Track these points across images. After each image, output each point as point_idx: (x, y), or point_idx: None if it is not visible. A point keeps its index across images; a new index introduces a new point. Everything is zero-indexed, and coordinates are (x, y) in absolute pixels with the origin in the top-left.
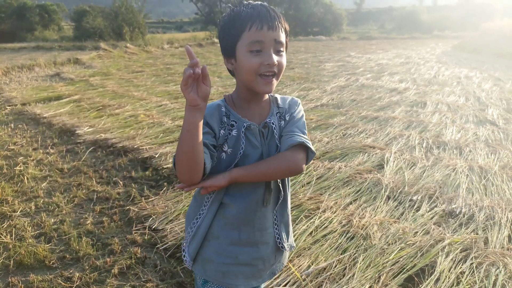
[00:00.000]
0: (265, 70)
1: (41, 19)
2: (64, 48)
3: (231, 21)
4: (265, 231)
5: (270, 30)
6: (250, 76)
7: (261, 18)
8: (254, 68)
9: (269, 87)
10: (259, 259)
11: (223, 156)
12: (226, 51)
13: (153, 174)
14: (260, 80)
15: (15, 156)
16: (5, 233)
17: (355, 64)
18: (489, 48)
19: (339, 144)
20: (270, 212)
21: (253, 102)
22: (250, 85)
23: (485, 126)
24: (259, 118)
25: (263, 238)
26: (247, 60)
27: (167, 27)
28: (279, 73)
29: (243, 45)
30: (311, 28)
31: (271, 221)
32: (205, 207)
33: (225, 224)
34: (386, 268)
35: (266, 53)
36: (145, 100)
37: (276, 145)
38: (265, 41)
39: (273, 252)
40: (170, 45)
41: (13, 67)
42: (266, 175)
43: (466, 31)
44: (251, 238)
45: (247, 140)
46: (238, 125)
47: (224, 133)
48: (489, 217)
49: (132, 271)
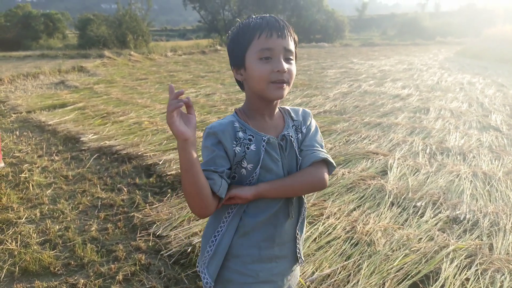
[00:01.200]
0: (276, 78)
1: (46, 27)
2: (68, 56)
3: (240, 32)
4: (284, 246)
5: (280, 38)
6: (261, 84)
7: (270, 26)
8: (264, 75)
9: (281, 92)
10: (278, 275)
11: (243, 172)
12: (235, 62)
13: (157, 181)
14: (272, 86)
15: (20, 163)
16: (10, 240)
17: (357, 71)
18: (491, 53)
19: (342, 150)
20: (291, 226)
21: (266, 114)
22: (261, 93)
23: (489, 132)
24: (275, 131)
25: (282, 252)
26: (257, 67)
27: (171, 35)
28: (289, 80)
29: (252, 53)
30: (314, 35)
31: (292, 235)
32: (223, 224)
33: (245, 241)
34: (390, 275)
35: (276, 60)
36: (149, 107)
37: (296, 157)
38: (274, 49)
39: (290, 266)
40: (174, 52)
41: (18, 75)
42: (292, 191)
43: (468, 37)
44: (270, 253)
45: (267, 154)
46: (257, 139)
47: (241, 149)
48: (493, 223)
49: (136, 277)
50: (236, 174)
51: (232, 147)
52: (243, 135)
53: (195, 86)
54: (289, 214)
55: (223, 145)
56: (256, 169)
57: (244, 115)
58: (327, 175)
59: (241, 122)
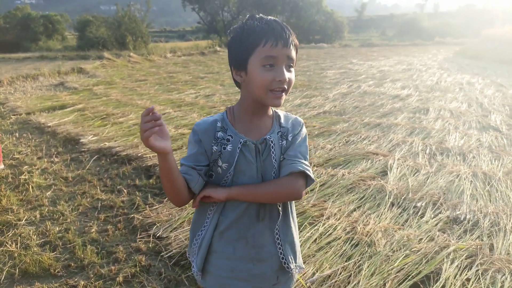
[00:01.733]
0: (276, 86)
1: (45, 29)
2: (68, 58)
3: (244, 34)
4: (262, 249)
5: (284, 47)
6: (261, 90)
7: (276, 35)
8: (266, 83)
9: (279, 101)
10: (257, 276)
11: (219, 170)
12: (236, 63)
13: (157, 182)
14: (271, 95)
15: (20, 165)
16: (10, 241)
17: (357, 71)
18: (490, 54)
19: (342, 151)
20: (268, 229)
21: (255, 116)
22: (259, 99)
23: (488, 132)
24: (259, 134)
25: (259, 255)
26: (259, 74)
27: (170, 36)
28: (288, 88)
29: (256, 59)
30: (313, 35)
31: (271, 239)
32: (207, 220)
33: (221, 238)
34: (391, 275)
35: (279, 69)
36: None
37: (272, 163)
38: (278, 57)
39: (274, 271)
40: (173, 53)
41: (17, 77)
42: (264, 198)
43: (468, 37)
44: (245, 254)
45: (242, 155)
46: (234, 140)
47: (217, 149)
48: (494, 224)
49: (136, 279)
50: (213, 172)
51: (211, 145)
52: (222, 135)
53: (194, 87)
54: (259, 216)
55: (203, 144)
56: (230, 169)
57: (232, 115)
58: (304, 186)
59: (225, 122)
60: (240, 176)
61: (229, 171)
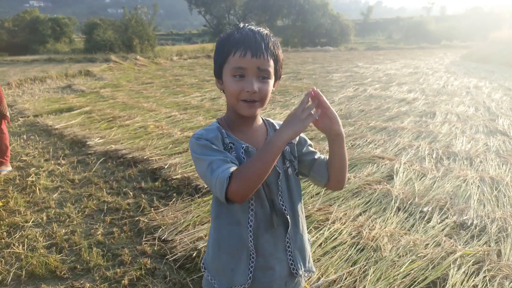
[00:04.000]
0: (246, 97)
1: (53, 32)
2: (75, 61)
3: (222, 43)
4: (270, 257)
5: (254, 57)
6: (233, 100)
7: (246, 44)
8: (235, 93)
9: (252, 110)
10: (264, 284)
11: None
12: (215, 71)
13: (163, 185)
14: (242, 104)
15: (27, 167)
16: (17, 243)
17: (363, 75)
18: (498, 57)
19: (348, 155)
20: (278, 237)
21: (246, 124)
22: (234, 108)
23: (496, 137)
24: (255, 140)
25: (267, 263)
26: (230, 84)
27: (176, 39)
28: (262, 100)
29: (227, 69)
30: (319, 39)
31: (281, 247)
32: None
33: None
34: (397, 281)
35: (248, 80)
36: (155, 111)
37: (276, 171)
38: (247, 68)
39: (282, 277)
40: (179, 56)
41: (25, 79)
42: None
43: (475, 40)
44: (256, 264)
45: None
46: (236, 147)
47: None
48: (501, 229)
49: (142, 282)
50: None
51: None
52: (227, 140)
53: (200, 90)
54: (272, 223)
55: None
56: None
57: (225, 123)
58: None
59: (222, 131)
60: None
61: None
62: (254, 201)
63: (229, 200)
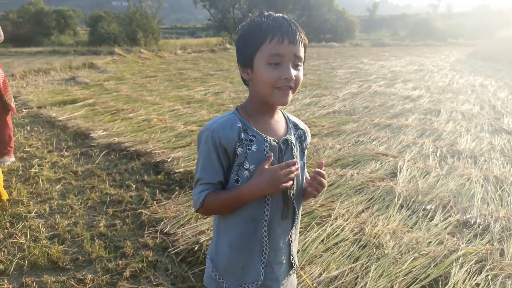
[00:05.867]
0: (282, 84)
1: (58, 24)
2: (79, 53)
3: (251, 31)
4: (280, 251)
5: (291, 44)
6: (266, 88)
7: (283, 31)
8: (272, 81)
9: (285, 98)
10: (274, 280)
11: (246, 174)
12: (243, 61)
13: (165, 178)
14: (277, 92)
15: (30, 158)
16: (20, 233)
17: (367, 71)
18: (504, 56)
19: (351, 151)
20: (286, 231)
21: (268, 115)
22: (265, 97)
23: (501, 136)
24: (276, 133)
25: (277, 258)
26: (265, 72)
27: (180, 33)
28: (295, 87)
29: (262, 56)
30: (324, 34)
31: (287, 242)
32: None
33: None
34: (399, 278)
35: (285, 67)
36: (158, 105)
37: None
38: (285, 55)
39: (286, 273)
40: (183, 50)
41: (30, 71)
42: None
43: (481, 38)
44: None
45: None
46: (258, 140)
47: (243, 150)
48: (505, 228)
49: (143, 274)
50: (239, 177)
51: (235, 148)
52: (245, 135)
53: (204, 84)
54: (282, 215)
55: (226, 152)
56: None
57: (246, 113)
58: None
59: (243, 122)
60: None
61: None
62: (270, 195)
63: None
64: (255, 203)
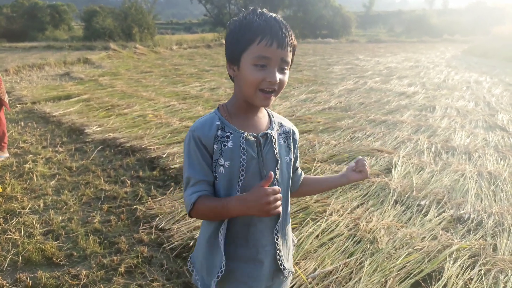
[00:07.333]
0: (266, 86)
1: (52, 19)
2: (74, 48)
3: (241, 29)
4: (263, 249)
5: (280, 48)
6: (250, 88)
7: (273, 34)
8: (256, 82)
9: (267, 101)
10: (254, 278)
11: (222, 170)
12: (230, 57)
13: (161, 174)
14: (260, 95)
15: (24, 154)
16: (14, 229)
17: (363, 67)
18: (499, 52)
19: (346, 147)
20: (268, 228)
21: (249, 111)
22: (248, 97)
23: (495, 132)
24: (257, 128)
25: (260, 255)
26: (250, 73)
27: (176, 28)
28: (278, 90)
29: (249, 57)
30: (320, 30)
31: (270, 239)
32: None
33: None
34: (393, 273)
35: (271, 70)
36: (154, 101)
37: (274, 159)
38: (272, 58)
39: (270, 273)
40: (179, 46)
41: (24, 66)
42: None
43: (477, 35)
44: (246, 254)
45: (244, 150)
46: (234, 136)
47: (218, 147)
48: (498, 224)
49: (138, 270)
50: (217, 174)
51: (212, 145)
52: (221, 133)
53: (200, 80)
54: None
55: (207, 150)
56: (236, 168)
57: (227, 112)
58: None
59: (222, 119)
60: (243, 174)
61: (236, 169)
62: (245, 190)
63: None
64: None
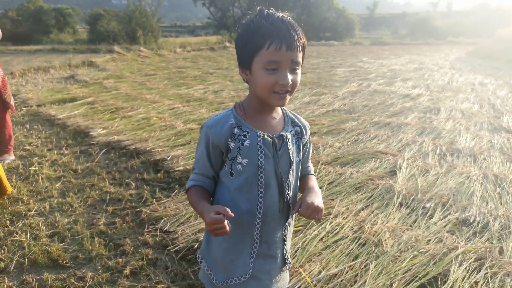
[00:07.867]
0: (279, 89)
1: (57, 22)
2: (78, 51)
3: (250, 33)
4: (273, 245)
5: (289, 50)
6: (264, 92)
7: (281, 37)
8: (268, 86)
9: (283, 101)
10: (265, 273)
11: (239, 167)
12: (241, 62)
13: (165, 177)
14: (274, 96)
15: (30, 156)
16: (20, 231)
17: (367, 70)
18: (504, 54)
19: (350, 150)
20: (280, 225)
21: (265, 112)
22: (263, 99)
23: (500, 134)
24: (272, 129)
25: (270, 251)
26: (262, 77)
27: (180, 31)
28: (292, 90)
29: (259, 61)
30: (323, 33)
31: (280, 236)
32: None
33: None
34: (398, 276)
35: (282, 73)
36: (158, 103)
37: (289, 160)
38: (282, 61)
39: (279, 268)
40: (183, 49)
41: (29, 69)
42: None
43: (481, 37)
44: (259, 250)
45: (261, 150)
46: (251, 136)
47: (236, 145)
48: (504, 226)
49: (143, 272)
50: (233, 171)
51: (227, 143)
52: (238, 131)
53: (203, 83)
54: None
55: (218, 148)
56: (255, 165)
57: (243, 111)
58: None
59: (238, 118)
60: (262, 171)
61: (254, 167)
62: (263, 188)
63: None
64: (246, 197)
